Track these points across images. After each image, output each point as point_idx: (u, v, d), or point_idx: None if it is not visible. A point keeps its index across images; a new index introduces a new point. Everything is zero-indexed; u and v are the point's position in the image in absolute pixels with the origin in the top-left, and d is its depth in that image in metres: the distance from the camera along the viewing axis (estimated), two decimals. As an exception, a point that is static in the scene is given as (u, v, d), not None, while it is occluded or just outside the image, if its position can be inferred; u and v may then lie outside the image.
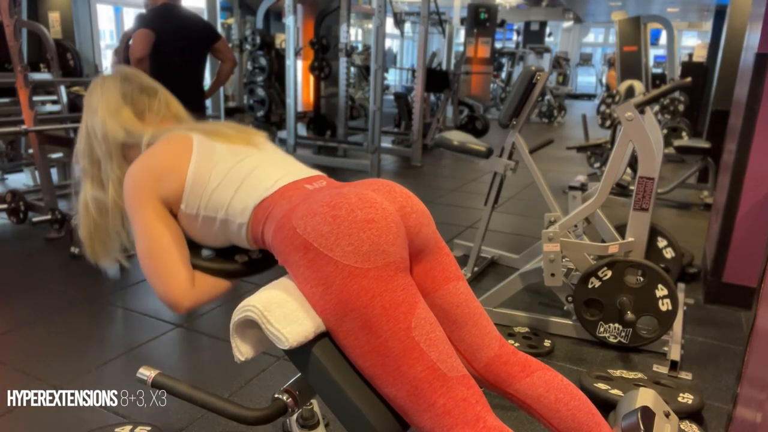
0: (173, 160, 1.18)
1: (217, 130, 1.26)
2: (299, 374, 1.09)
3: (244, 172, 1.17)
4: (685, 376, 2.18)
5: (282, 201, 1.11)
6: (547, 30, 16.97)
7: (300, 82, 7.00)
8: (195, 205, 1.16)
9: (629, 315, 2.22)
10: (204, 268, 1.22)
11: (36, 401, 1.92)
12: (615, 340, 2.33)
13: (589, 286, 2.32)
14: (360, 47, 11.66)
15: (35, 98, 4.02)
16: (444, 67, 9.72)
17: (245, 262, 1.25)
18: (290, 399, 1.07)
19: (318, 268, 0.99)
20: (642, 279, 2.27)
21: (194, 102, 3.33)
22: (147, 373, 1.06)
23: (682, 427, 1.77)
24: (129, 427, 1.75)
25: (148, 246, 1.16)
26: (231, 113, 5.93)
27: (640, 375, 2.09)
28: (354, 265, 0.97)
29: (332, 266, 0.98)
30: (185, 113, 1.40)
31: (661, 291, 2.24)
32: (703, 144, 4.85)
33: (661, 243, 2.86)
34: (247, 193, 1.14)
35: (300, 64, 6.79)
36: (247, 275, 1.27)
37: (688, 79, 3.01)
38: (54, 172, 4.60)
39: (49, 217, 3.46)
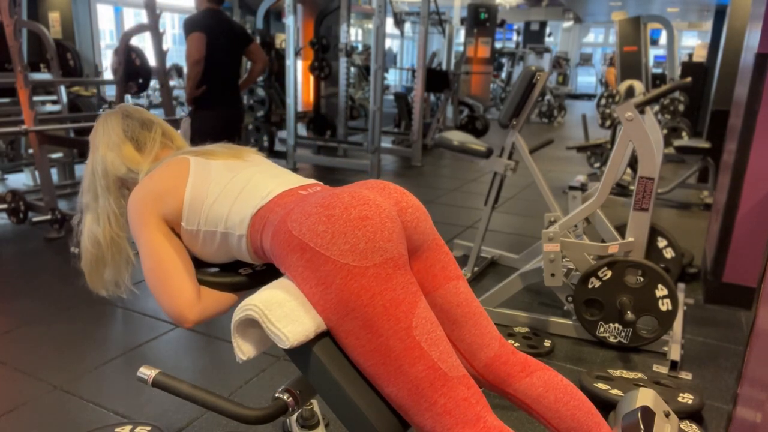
0: (171, 180, 1.22)
1: (212, 151, 1.31)
2: (300, 374, 1.09)
3: (239, 184, 1.20)
4: (685, 376, 2.18)
5: (277, 208, 1.12)
6: (547, 30, 16.96)
7: (300, 82, 7.00)
8: (195, 221, 1.19)
9: (629, 315, 2.22)
10: (209, 282, 1.23)
11: (36, 401, 1.92)
12: (615, 340, 2.33)
13: (589, 286, 2.32)
14: (360, 47, 11.66)
15: (35, 98, 4.02)
16: (444, 67, 9.72)
17: (249, 274, 1.26)
18: (291, 398, 1.07)
19: (316, 268, 0.99)
20: (642, 279, 2.27)
21: (234, 96, 3.60)
22: (147, 372, 1.06)
23: (682, 427, 1.77)
24: (129, 427, 1.75)
25: (152, 262, 1.18)
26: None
27: (640, 375, 2.09)
28: (352, 264, 0.97)
29: (330, 265, 0.98)
30: (183, 141, 1.45)
31: (661, 291, 2.25)
32: (703, 144, 4.85)
33: (661, 243, 2.86)
34: (244, 204, 1.16)
35: (300, 64, 6.79)
36: (252, 288, 1.28)
37: (688, 79, 3.02)
38: (54, 172, 4.61)
39: (49, 217, 3.46)
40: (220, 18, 3.47)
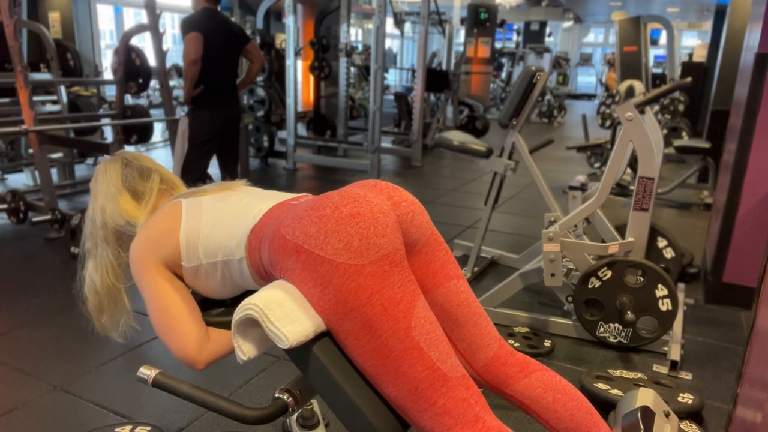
0: (166, 224, 1.22)
1: (203, 189, 1.32)
2: (300, 374, 1.09)
3: (230, 211, 1.21)
4: (685, 376, 2.18)
5: (270, 221, 1.12)
6: (547, 30, 16.96)
7: (300, 82, 7.00)
8: (194, 257, 1.20)
9: (629, 315, 2.22)
10: (216, 323, 1.23)
11: (36, 401, 1.92)
12: (615, 340, 2.33)
13: (589, 286, 2.32)
14: (360, 47, 11.65)
15: (35, 98, 4.02)
16: (444, 67, 9.72)
17: None
18: (290, 398, 1.07)
19: (313, 269, 0.99)
20: (642, 279, 2.27)
21: (232, 96, 3.62)
22: (147, 372, 1.07)
23: (682, 427, 1.77)
24: (129, 427, 1.75)
25: (158, 308, 1.19)
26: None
27: (640, 375, 2.09)
28: (348, 262, 0.97)
29: (326, 265, 0.98)
30: (182, 185, 1.45)
31: (661, 291, 2.25)
32: (703, 144, 4.85)
33: (661, 243, 2.86)
34: (237, 227, 1.17)
35: (300, 64, 6.79)
36: None
37: (688, 79, 3.02)
38: (54, 172, 4.61)
39: (49, 217, 3.46)
40: (217, 18, 3.47)
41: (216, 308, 1.29)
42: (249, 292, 1.20)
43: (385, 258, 0.99)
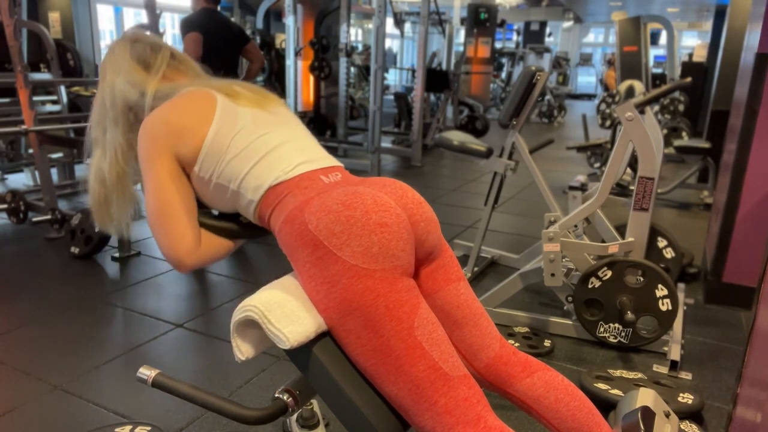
0: (194, 118, 1.14)
1: (237, 92, 1.22)
2: (300, 374, 1.09)
3: (264, 148, 1.14)
4: (685, 376, 2.18)
5: (296, 190, 1.09)
6: (547, 30, 16.96)
7: (300, 82, 7.00)
8: (209, 170, 1.14)
9: (629, 315, 2.22)
10: (209, 226, 1.20)
11: (36, 401, 1.92)
12: (615, 340, 2.33)
13: (589, 286, 2.32)
14: (360, 47, 11.65)
15: (35, 98, 4.02)
16: (444, 67, 9.72)
17: (249, 224, 1.23)
18: (290, 399, 1.07)
19: (325, 267, 0.99)
20: (642, 279, 2.27)
21: None
22: (147, 372, 1.06)
23: (682, 427, 1.77)
24: (129, 427, 1.75)
25: (158, 201, 1.13)
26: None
27: (640, 375, 2.09)
28: (361, 266, 0.97)
29: (339, 265, 0.98)
30: (196, 67, 1.35)
31: (661, 291, 2.24)
32: (703, 144, 4.85)
33: (661, 243, 2.86)
34: (264, 171, 1.12)
35: (300, 64, 6.79)
36: (250, 237, 1.26)
37: (688, 79, 3.01)
38: (54, 172, 4.60)
39: (49, 217, 3.46)
40: (216, 18, 3.47)
41: (210, 209, 1.24)
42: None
43: (397, 268, 1.00)
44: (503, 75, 13.45)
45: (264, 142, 1.15)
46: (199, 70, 1.35)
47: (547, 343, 2.36)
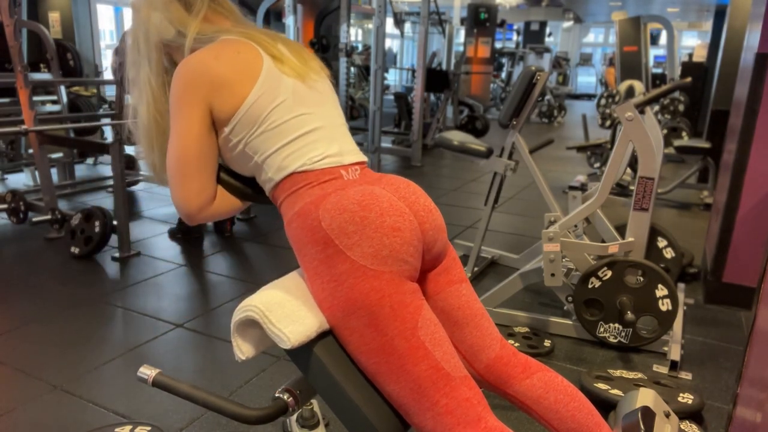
0: (238, 74, 1.07)
1: (284, 56, 1.14)
2: (300, 374, 1.09)
3: (299, 129, 1.10)
4: (685, 376, 2.18)
5: (315, 183, 1.07)
6: (547, 30, 16.96)
7: (300, 82, 6.99)
8: (240, 135, 1.09)
9: (629, 315, 2.22)
10: (226, 182, 1.17)
11: (36, 401, 1.92)
12: (615, 340, 2.33)
13: (589, 286, 2.32)
14: (360, 47, 11.65)
15: (35, 98, 4.02)
16: (444, 67, 9.72)
17: (263, 190, 1.19)
18: (291, 398, 1.07)
19: (333, 265, 0.99)
20: (642, 279, 2.27)
21: None
22: (147, 372, 1.06)
23: (682, 427, 1.77)
24: (129, 427, 1.75)
25: (181, 152, 1.08)
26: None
27: (640, 375, 2.09)
28: (369, 267, 0.98)
29: (348, 264, 0.98)
30: (237, 10, 1.25)
31: (661, 291, 2.24)
32: (703, 144, 4.85)
33: (661, 243, 2.86)
34: (292, 155, 1.09)
35: (300, 64, 6.78)
36: (259, 202, 1.22)
37: (688, 79, 3.02)
38: (54, 172, 4.60)
39: (49, 217, 3.46)
40: None
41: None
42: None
43: (404, 272, 1.01)
44: (503, 75, 13.45)
45: (299, 123, 1.10)
46: (240, 15, 1.26)
47: (547, 343, 2.36)
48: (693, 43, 16.89)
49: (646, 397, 1.34)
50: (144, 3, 1.16)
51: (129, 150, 4.73)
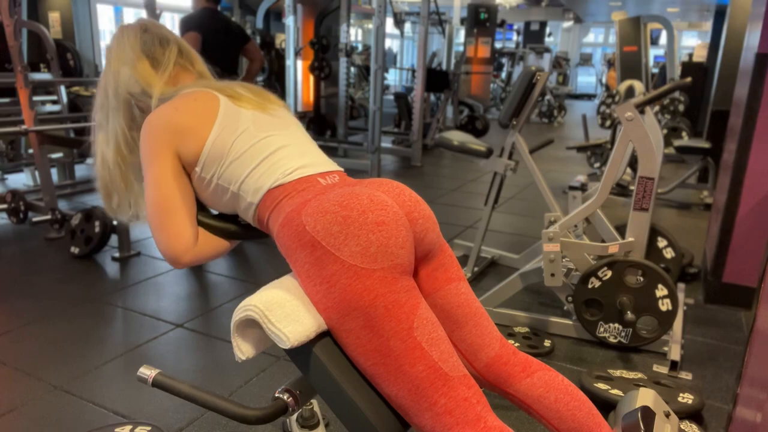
0: (197, 119, 1.15)
1: (239, 94, 1.22)
2: (300, 374, 1.09)
3: (265, 151, 1.15)
4: (685, 376, 2.18)
5: (294, 193, 1.10)
6: (547, 30, 16.95)
7: (300, 82, 7.00)
8: (210, 171, 1.15)
9: (629, 315, 2.22)
10: (207, 225, 1.21)
11: (36, 401, 1.92)
12: (615, 340, 2.33)
13: (589, 286, 2.32)
14: (360, 47, 11.65)
15: (35, 98, 4.02)
16: (444, 67, 9.72)
17: (247, 225, 1.23)
18: (291, 398, 1.07)
19: (323, 267, 0.99)
20: (642, 279, 2.27)
21: None
22: (148, 372, 1.06)
23: (682, 427, 1.77)
24: (129, 427, 1.75)
25: (157, 197, 1.14)
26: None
27: (640, 375, 2.09)
28: (360, 266, 0.97)
29: (338, 265, 0.98)
30: (203, 66, 1.35)
31: (661, 291, 2.25)
32: (703, 144, 4.85)
33: (661, 243, 2.86)
34: (264, 174, 1.13)
35: (300, 64, 6.79)
36: (247, 239, 1.27)
37: (688, 79, 3.01)
38: (54, 172, 4.61)
39: (49, 217, 3.46)
40: (216, 17, 3.47)
41: (208, 209, 1.25)
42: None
43: (396, 267, 1.00)
44: (503, 75, 13.45)
45: (265, 145, 1.16)
46: (204, 69, 1.36)
47: (547, 343, 2.36)
48: (693, 43, 16.90)
49: (646, 397, 1.34)
50: (115, 56, 1.26)
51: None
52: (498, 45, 13.20)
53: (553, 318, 2.49)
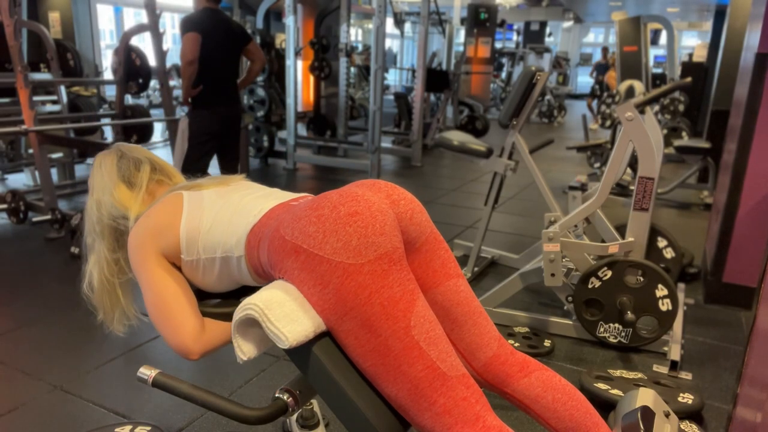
0: (167, 216, 1.22)
1: (201, 183, 1.33)
2: (300, 374, 1.09)
3: (231, 208, 1.21)
4: (685, 376, 2.18)
5: (270, 222, 1.12)
6: (547, 30, 16.96)
7: (300, 82, 7.00)
8: (194, 251, 1.20)
9: (629, 315, 2.22)
10: (212, 313, 1.23)
11: (36, 401, 1.92)
12: (615, 340, 2.33)
13: (589, 286, 2.32)
14: (360, 47, 11.66)
15: (35, 98, 4.02)
16: (444, 67, 9.72)
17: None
18: (290, 398, 1.07)
19: (312, 269, 0.99)
20: (642, 279, 2.27)
21: (232, 95, 3.62)
22: (148, 372, 1.07)
23: (682, 427, 1.77)
24: (129, 427, 1.75)
25: (154, 297, 1.19)
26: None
27: (640, 375, 2.09)
28: (347, 261, 0.97)
29: (325, 265, 0.98)
30: (180, 175, 1.46)
31: (661, 291, 2.25)
32: (703, 144, 4.85)
33: (661, 243, 2.86)
34: (238, 225, 1.17)
35: (300, 64, 6.79)
36: None
37: (688, 79, 3.02)
38: (54, 172, 4.61)
39: (49, 217, 3.46)
40: (217, 17, 3.46)
41: (212, 299, 1.29)
42: (246, 288, 1.22)
43: (384, 256, 0.99)
44: (503, 75, 13.46)
45: (229, 205, 1.22)
46: (180, 178, 1.45)
47: (547, 343, 2.36)
48: (693, 43, 16.90)
49: (646, 397, 1.34)
50: (97, 186, 1.36)
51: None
52: (498, 45, 13.20)
53: (553, 318, 2.49)
